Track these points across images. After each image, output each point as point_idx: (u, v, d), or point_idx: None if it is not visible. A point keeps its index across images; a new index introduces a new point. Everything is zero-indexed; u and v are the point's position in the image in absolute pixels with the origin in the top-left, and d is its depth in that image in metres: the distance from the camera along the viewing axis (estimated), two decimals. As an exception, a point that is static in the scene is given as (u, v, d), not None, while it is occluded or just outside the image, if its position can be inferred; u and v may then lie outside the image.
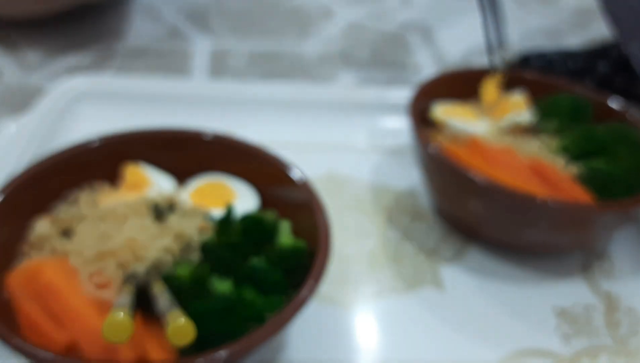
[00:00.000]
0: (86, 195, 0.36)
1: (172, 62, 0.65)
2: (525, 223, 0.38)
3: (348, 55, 0.70)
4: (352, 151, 0.52)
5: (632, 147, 0.41)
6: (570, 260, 0.43)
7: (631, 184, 0.39)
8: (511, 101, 0.48)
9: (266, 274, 0.31)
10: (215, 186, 0.37)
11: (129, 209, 0.33)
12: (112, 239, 0.31)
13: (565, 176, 0.40)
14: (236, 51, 0.69)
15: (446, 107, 0.47)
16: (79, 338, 0.27)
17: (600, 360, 0.36)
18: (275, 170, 0.36)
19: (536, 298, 0.40)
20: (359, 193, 0.48)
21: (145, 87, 0.54)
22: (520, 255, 0.43)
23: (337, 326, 0.36)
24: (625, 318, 0.39)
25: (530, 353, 0.36)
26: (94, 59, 0.64)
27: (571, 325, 0.38)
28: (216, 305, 0.28)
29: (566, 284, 0.41)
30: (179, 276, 0.30)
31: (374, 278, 0.40)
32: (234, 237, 0.32)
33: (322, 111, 0.54)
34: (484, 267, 0.42)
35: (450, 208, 0.44)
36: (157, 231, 0.32)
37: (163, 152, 0.38)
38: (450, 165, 0.38)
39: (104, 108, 0.52)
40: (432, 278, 0.41)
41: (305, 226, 0.34)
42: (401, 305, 0.38)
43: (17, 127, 0.46)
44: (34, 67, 0.61)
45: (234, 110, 0.53)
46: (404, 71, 0.68)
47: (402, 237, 0.44)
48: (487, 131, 0.45)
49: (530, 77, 0.50)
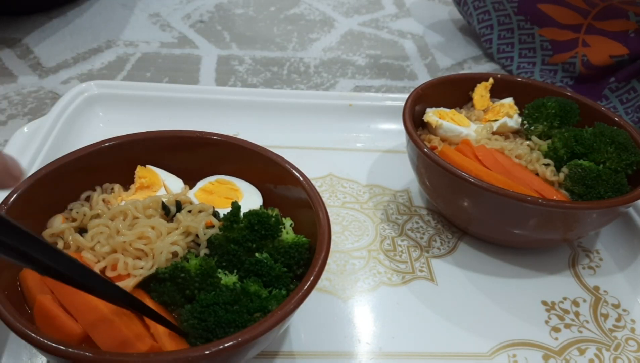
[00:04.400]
0: (99, 195, 0.37)
1: (180, 68, 0.67)
2: (515, 220, 0.40)
3: (347, 62, 0.72)
4: (350, 153, 0.54)
5: (618, 148, 0.42)
6: (559, 256, 0.45)
7: (617, 183, 0.40)
8: (501, 105, 0.50)
9: (270, 268, 0.32)
10: (221, 186, 0.39)
11: (140, 208, 0.35)
12: (123, 236, 0.33)
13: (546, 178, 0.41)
14: (241, 58, 0.71)
15: (439, 111, 0.48)
16: (92, 330, 0.28)
17: (587, 352, 0.38)
18: (278, 170, 0.38)
19: (526, 292, 0.42)
20: (357, 192, 0.49)
21: (154, 92, 0.55)
22: (510, 251, 0.44)
23: (336, 317, 0.38)
24: (612, 312, 0.41)
25: (520, 346, 0.37)
26: (106, 65, 0.66)
27: (560, 318, 0.40)
28: (222, 297, 0.29)
29: (555, 279, 0.43)
30: (187, 270, 0.31)
31: (371, 272, 0.42)
32: (239, 233, 0.34)
33: (323, 115, 0.56)
34: (476, 262, 0.43)
35: (444, 207, 0.45)
36: (166, 228, 0.34)
37: (172, 154, 0.40)
38: (443, 166, 0.40)
39: (115, 112, 0.54)
40: (425, 273, 0.42)
41: (306, 223, 0.35)
42: (396, 297, 0.40)
43: (32, 130, 0.48)
44: (48, 71, 0.63)
45: (239, 114, 0.55)
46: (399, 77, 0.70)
47: (398, 233, 0.46)
48: (478, 133, 0.47)
49: (519, 82, 0.52)
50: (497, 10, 0.72)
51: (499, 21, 0.72)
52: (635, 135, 0.45)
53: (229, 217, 0.34)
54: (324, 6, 0.87)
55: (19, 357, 0.33)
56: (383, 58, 0.74)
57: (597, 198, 0.40)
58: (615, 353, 0.38)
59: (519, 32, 0.70)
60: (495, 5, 0.72)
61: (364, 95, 0.58)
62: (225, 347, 0.26)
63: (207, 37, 0.75)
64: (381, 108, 0.57)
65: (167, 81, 0.65)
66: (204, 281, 0.31)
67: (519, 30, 0.70)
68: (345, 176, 0.51)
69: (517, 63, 0.71)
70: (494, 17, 0.72)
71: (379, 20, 0.84)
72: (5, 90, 0.60)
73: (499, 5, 0.71)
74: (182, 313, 0.30)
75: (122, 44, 0.71)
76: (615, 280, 0.43)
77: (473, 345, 0.37)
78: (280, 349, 0.35)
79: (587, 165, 0.41)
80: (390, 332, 0.37)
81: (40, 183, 0.34)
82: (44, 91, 0.61)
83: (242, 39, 0.76)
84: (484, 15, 0.73)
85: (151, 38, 0.73)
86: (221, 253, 0.33)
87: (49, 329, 0.29)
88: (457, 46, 0.78)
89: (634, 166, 0.42)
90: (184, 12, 0.81)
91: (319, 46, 0.76)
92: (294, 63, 0.71)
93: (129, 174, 0.39)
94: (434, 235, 0.46)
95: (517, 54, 0.71)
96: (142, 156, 0.39)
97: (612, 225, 0.47)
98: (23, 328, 0.26)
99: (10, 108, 0.58)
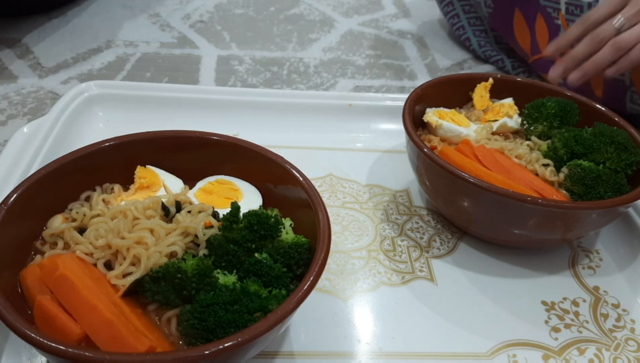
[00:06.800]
0: (99, 195, 0.37)
1: (180, 68, 0.67)
2: (515, 220, 0.40)
3: (347, 62, 0.72)
4: (350, 153, 0.54)
5: (617, 148, 0.42)
6: (559, 256, 0.45)
7: (617, 183, 0.40)
8: (501, 105, 0.50)
9: (269, 268, 0.32)
10: (221, 186, 0.39)
11: (140, 209, 0.35)
12: (123, 236, 0.33)
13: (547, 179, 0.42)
14: (241, 58, 0.71)
15: (439, 112, 0.48)
16: (92, 331, 0.28)
17: (587, 352, 0.38)
18: (278, 170, 0.38)
19: (526, 292, 0.42)
20: (356, 192, 0.50)
21: (154, 92, 0.55)
22: (510, 251, 0.44)
23: (336, 317, 0.38)
24: (612, 312, 0.41)
25: (520, 346, 0.37)
26: (105, 65, 0.66)
27: (559, 318, 0.40)
28: (222, 297, 0.29)
29: (555, 279, 0.43)
30: (183, 270, 0.31)
31: (371, 272, 0.42)
32: (238, 233, 0.34)
33: (322, 115, 0.56)
34: (476, 262, 0.44)
35: (444, 207, 0.45)
36: (165, 230, 0.34)
37: (172, 154, 0.40)
38: (443, 166, 0.40)
39: (115, 112, 0.54)
40: (425, 273, 0.42)
41: (306, 223, 0.35)
42: (396, 297, 0.40)
43: (32, 130, 0.48)
44: (48, 71, 0.64)
45: (239, 114, 0.55)
46: (399, 77, 0.70)
47: (398, 233, 0.46)
48: (478, 133, 0.47)
49: (519, 82, 0.52)
50: (472, 25, 0.75)
51: (475, 34, 0.75)
52: (635, 135, 0.45)
53: (229, 217, 0.34)
54: (323, 6, 0.87)
55: (19, 357, 0.34)
56: (383, 58, 0.74)
57: (597, 198, 0.40)
58: (615, 353, 0.38)
59: (497, 46, 0.74)
60: (471, 21, 0.74)
61: (364, 95, 0.58)
62: (225, 346, 0.26)
63: (207, 37, 0.75)
64: (381, 108, 0.57)
65: (167, 81, 0.65)
66: (201, 281, 0.31)
67: (497, 45, 0.74)
68: (345, 176, 0.51)
69: (510, 63, 0.71)
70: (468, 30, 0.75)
71: (379, 20, 0.84)
72: (5, 90, 0.60)
73: (475, 21, 0.75)
74: (182, 313, 0.30)
75: (122, 44, 0.71)
76: (615, 280, 0.44)
77: (473, 345, 0.37)
78: (280, 349, 0.35)
79: (587, 165, 0.41)
80: (390, 332, 0.37)
81: (40, 183, 0.35)
82: (44, 91, 0.61)
83: (242, 39, 0.76)
84: (453, 20, 0.76)
85: (151, 38, 0.73)
86: (220, 254, 0.33)
87: (49, 329, 0.29)
88: (457, 46, 0.79)
89: (633, 166, 0.42)
90: (184, 12, 0.81)
91: (319, 46, 0.76)
92: (293, 63, 0.71)
93: (129, 174, 0.39)
94: (434, 235, 0.46)
95: (505, 55, 0.72)
96: (142, 156, 0.39)
97: (612, 225, 0.47)
98: (23, 328, 0.26)
99: (10, 108, 0.58)
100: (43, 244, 0.34)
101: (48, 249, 0.34)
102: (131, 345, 0.28)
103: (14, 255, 0.32)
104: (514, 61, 0.71)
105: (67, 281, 0.30)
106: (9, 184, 0.42)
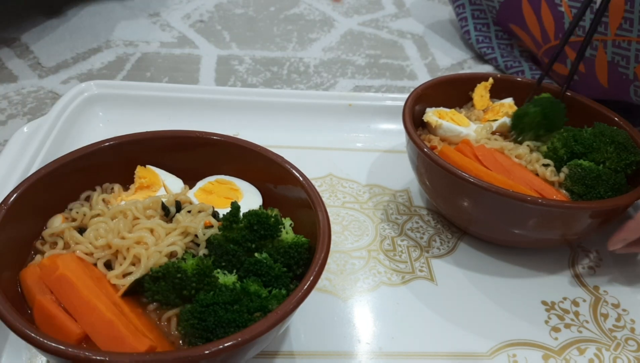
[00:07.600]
0: (99, 195, 0.37)
1: (180, 68, 0.67)
2: (515, 220, 0.40)
3: (346, 62, 0.72)
4: (350, 153, 0.54)
5: (617, 147, 0.42)
6: (559, 256, 0.45)
7: (617, 183, 0.40)
8: (501, 105, 0.50)
9: (269, 268, 0.32)
10: (221, 186, 0.39)
11: (140, 209, 0.35)
12: (123, 235, 0.33)
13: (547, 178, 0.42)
14: (241, 57, 0.71)
15: (439, 111, 0.48)
16: (92, 330, 0.28)
17: (587, 352, 0.38)
18: (278, 170, 0.38)
19: (526, 292, 0.42)
20: (356, 192, 0.50)
21: (154, 92, 0.55)
22: (510, 251, 0.45)
23: (336, 317, 0.38)
24: (611, 312, 0.41)
25: (520, 345, 0.38)
26: (105, 65, 0.66)
27: (559, 318, 0.40)
28: (222, 297, 0.29)
29: (555, 279, 0.43)
30: (183, 270, 0.31)
31: (371, 272, 0.42)
32: (238, 233, 0.34)
33: (322, 115, 0.56)
34: (476, 262, 0.44)
35: (443, 206, 0.45)
36: (165, 230, 0.34)
37: (172, 154, 0.40)
38: (443, 166, 0.40)
39: (115, 112, 0.54)
40: (425, 273, 0.42)
41: (306, 223, 0.35)
42: (396, 297, 0.40)
43: (32, 130, 0.48)
44: (48, 71, 0.64)
45: (239, 114, 0.55)
46: (399, 77, 0.70)
47: (398, 233, 0.46)
48: (478, 133, 0.47)
49: (519, 82, 0.52)
50: (476, 18, 0.75)
51: (476, 27, 0.75)
52: (635, 135, 0.45)
53: (228, 217, 0.34)
54: (323, 6, 0.87)
55: (19, 357, 0.34)
56: (383, 58, 0.74)
57: (597, 198, 0.40)
58: (615, 353, 0.38)
59: (497, 42, 0.74)
60: (475, 13, 0.74)
61: (364, 95, 0.59)
62: (225, 346, 0.26)
63: (207, 37, 0.75)
64: (381, 108, 0.57)
65: (166, 81, 0.65)
66: (201, 281, 0.31)
67: (497, 41, 0.74)
68: (345, 176, 0.51)
69: (504, 62, 0.72)
70: (471, 23, 0.75)
71: (378, 20, 0.84)
72: (5, 90, 0.60)
73: (479, 14, 0.74)
74: (182, 313, 0.30)
75: (122, 44, 0.71)
76: (615, 280, 0.44)
77: (473, 345, 0.37)
78: (280, 349, 0.35)
79: (587, 165, 0.41)
80: (390, 332, 0.37)
81: (40, 183, 0.35)
82: (44, 91, 0.61)
83: (242, 39, 0.76)
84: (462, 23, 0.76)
85: (151, 38, 0.73)
86: (220, 253, 0.33)
87: (49, 329, 0.29)
88: (457, 45, 0.79)
89: (633, 166, 0.43)
90: (184, 12, 0.81)
91: (319, 45, 0.76)
92: (293, 63, 0.71)
93: (129, 174, 0.39)
94: (434, 235, 0.46)
95: (499, 55, 0.73)
96: (142, 156, 0.39)
97: (612, 225, 0.47)
98: (23, 328, 0.26)
99: (10, 108, 0.58)
100: (43, 244, 0.34)
101: (48, 249, 0.34)
102: (131, 344, 0.28)
103: (14, 255, 0.32)
104: (508, 60, 0.71)
105: (67, 281, 0.30)
106: (9, 184, 0.42)
